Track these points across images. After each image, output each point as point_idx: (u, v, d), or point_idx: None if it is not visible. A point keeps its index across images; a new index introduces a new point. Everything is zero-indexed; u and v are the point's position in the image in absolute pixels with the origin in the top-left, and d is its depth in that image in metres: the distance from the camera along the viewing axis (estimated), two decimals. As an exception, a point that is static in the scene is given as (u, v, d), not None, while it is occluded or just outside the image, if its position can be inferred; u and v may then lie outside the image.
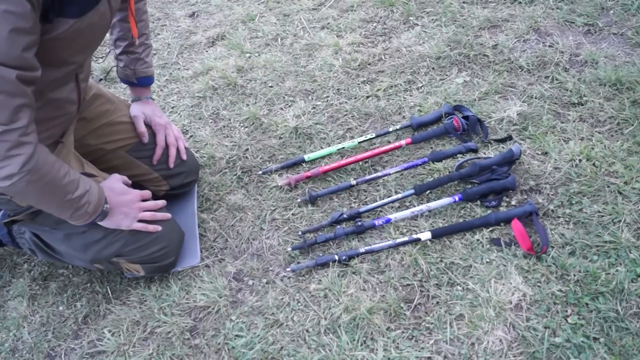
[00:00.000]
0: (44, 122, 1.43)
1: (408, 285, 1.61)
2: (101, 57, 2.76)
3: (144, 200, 1.70)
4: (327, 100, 2.29)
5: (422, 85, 2.26)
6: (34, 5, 1.13)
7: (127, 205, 1.63)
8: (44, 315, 1.81)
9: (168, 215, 1.75)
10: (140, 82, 1.89)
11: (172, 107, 2.45)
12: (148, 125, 1.89)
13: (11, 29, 1.10)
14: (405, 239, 1.67)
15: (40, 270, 1.95)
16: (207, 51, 2.82)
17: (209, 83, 2.53)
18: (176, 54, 2.85)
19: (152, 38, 2.97)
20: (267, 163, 2.09)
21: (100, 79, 2.71)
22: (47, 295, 1.86)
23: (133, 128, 1.87)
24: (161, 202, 1.76)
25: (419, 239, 1.67)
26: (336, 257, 1.66)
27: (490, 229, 1.68)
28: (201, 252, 1.84)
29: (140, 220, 1.66)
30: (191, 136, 2.27)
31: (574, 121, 1.95)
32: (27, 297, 1.87)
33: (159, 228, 1.69)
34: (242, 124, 2.29)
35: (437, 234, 1.67)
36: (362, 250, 1.67)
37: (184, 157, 1.93)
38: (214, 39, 2.90)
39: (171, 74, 2.67)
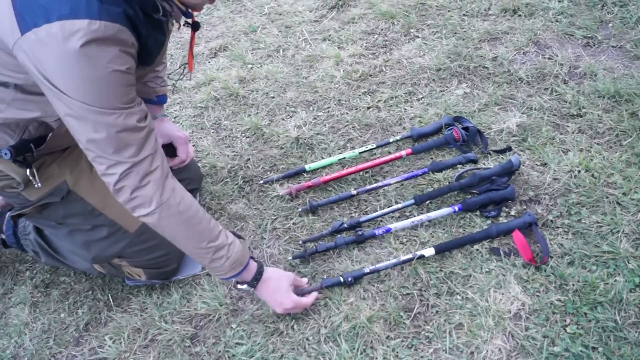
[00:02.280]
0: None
1: (408, 294, 1.62)
2: None
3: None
4: (328, 111, 2.32)
5: (423, 97, 2.28)
6: (135, 61, 1.26)
7: (278, 300, 1.58)
8: (46, 322, 1.82)
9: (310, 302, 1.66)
10: (159, 100, 1.90)
11: (175, 117, 2.48)
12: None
13: (125, 84, 1.22)
14: (409, 256, 1.67)
15: (42, 277, 1.97)
16: (209, 62, 2.86)
17: (211, 93, 2.57)
18: (179, 65, 2.88)
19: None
20: (269, 173, 2.12)
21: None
22: (49, 303, 1.88)
23: None
24: (305, 281, 1.72)
25: (423, 256, 1.68)
26: (341, 279, 1.66)
27: (490, 239, 1.70)
28: (202, 260, 1.85)
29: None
30: (193, 146, 2.29)
31: (573, 132, 1.98)
32: (28, 304, 1.89)
33: (307, 304, 1.63)
34: (243, 134, 2.31)
35: (441, 250, 1.68)
36: (367, 270, 1.67)
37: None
38: (217, 50, 2.94)
39: (174, 84, 2.70)
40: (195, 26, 1.49)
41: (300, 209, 1.92)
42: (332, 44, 2.72)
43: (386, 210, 1.82)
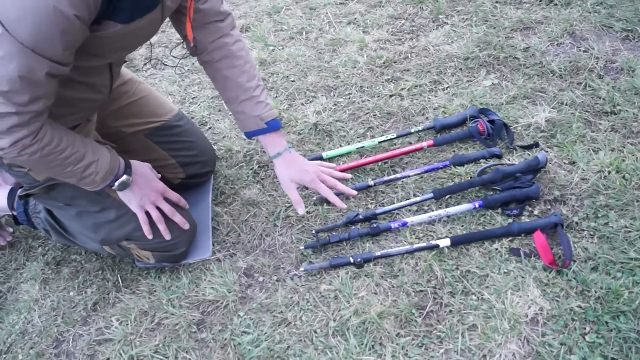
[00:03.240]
0: (78, 102, 1.49)
1: (421, 291, 1.60)
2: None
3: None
4: (349, 98, 2.29)
5: (448, 86, 2.24)
6: (90, 12, 1.15)
7: (148, 187, 1.65)
8: (55, 299, 1.85)
9: (185, 223, 1.75)
10: (270, 126, 1.71)
11: (193, 98, 2.47)
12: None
13: (61, 28, 1.11)
14: (423, 244, 1.66)
15: (54, 254, 2.00)
16: (230, 42, 2.83)
17: (230, 75, 2.55)
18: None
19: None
20: (285, 159, 2.09)
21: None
22: (59, 280, 1.91)
23: (153, 111, 1.89)
24: (183, 202, 1.77)
25: (437, 246, 1.65)
26: (351, 260, 1.66)
27: (510, 238, 1.66)
28: (213, 245, 1.85)
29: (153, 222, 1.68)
30: (209, 128, 2.29)
31: (606, 131, 1.92)
32: (39, 281, 1.92)
33: (168, 235, 1.71)
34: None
35: (456, 242, 1.66)
36: (378, 253, 1.66)
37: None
38: (239, 30, 2.91)
39: (193, 64, 2.69)
40: None
41: (314, 198, 1.90)
42: (357, 28, 2.68)
43: (403, 203, 1.79)
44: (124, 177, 1.57)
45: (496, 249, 1.64)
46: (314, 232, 1.80)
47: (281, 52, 2.63)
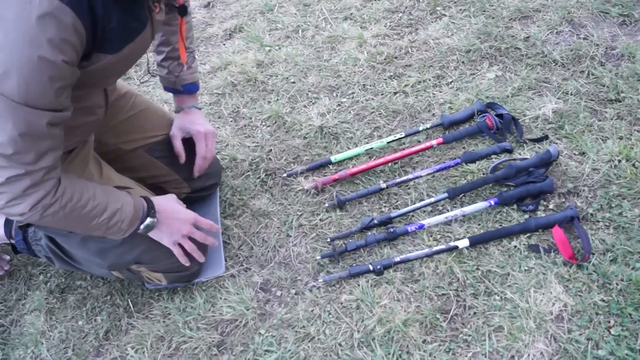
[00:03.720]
0: (73, 129, 1.44)
1: (444, 294, 1.61)
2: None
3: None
4: (353, 97, 2.29)
5: (452, 81, 2.24)
6: (77, 52, 1.14)
7: (178, 221, 1.62)
8: (63, 330, 1.82)
9: (216, 242, 1.74)
10: (185, 90, 1.85)
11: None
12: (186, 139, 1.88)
13: (49, 76, 1.09)
14: (442, 246, 1.68)
15: (57, 282, 1.97)
16: (224, 44, 2.83)
17: (227, 79, 2.54)
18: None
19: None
20: (292, 165, 2.10)
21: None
22: (66, 309, 1.88)
23: (153, 124, 1.85)
24: (216, 227, 1.74)
25: (457, 247, 1.67)
26: (370, 267, 1.67)
27: (528, 235, 1.68)
28: (225, 261, 1.85)
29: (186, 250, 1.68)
30: (211, 136, 2.28)
31: (612, 119, 1.94)
32: (44, 311, 1.89)
33: (202, 259, 1.70)
34: (264, 123, 2.29)
35: (475, 242, 1.67)
36: (397, 259, 1.68)
37: (196, 174, 1.91)
38: (232, 31, 2.90)
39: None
40: (182, 11, 1.43)
41: (327, 204, 1.91)
42: (354, 24, 2.67)
43: (418, 204, 1.80)
44: (148, 220, 1.55)
45: (515, 246, 1.66)
46: (329, 240, 1.80)
47: (278, 52, 2.61)
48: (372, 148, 2.03)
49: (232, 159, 2.15)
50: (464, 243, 1.67)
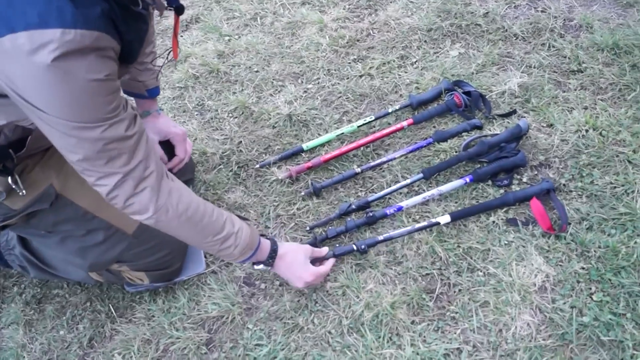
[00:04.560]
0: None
1: (427, 274, 1.62)
2: None
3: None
4: (319, 83, 2.26)
5: (417, 60, 2.24)
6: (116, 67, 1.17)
7: (293, 276, 1.58)
8: (45, 342, 1.76)
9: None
10: (151, 94, 1.79)
11: (153, 101, 2.38)
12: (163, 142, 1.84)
13: (107, 93, 1.13)
14: (424, 223, 1.68)
15: (33, 292, 1.90)
16: (181, 36, 2.74)
17: (189, 71, 2.47)
18: (164, 51, 2.72)
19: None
20: (264, 155, 2.07)
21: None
22: (45, 320, 1.81)
23: None
24: (325, 250, 1.68)
25: (438, 223, 1.68)
26: (354, 247, 1.65)
27: (505, 209, 1.69)
28: (206, 257, 1.81)
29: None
30: (178, 131, 2.22)
31: (576, 90, 1.97)
32: (22, 324, 1.81)
33: (326, 271, 1.64)
34: (230, 115, 2.25)
35: (456, 217, 1.69)
36: (380, 238, 1.67)
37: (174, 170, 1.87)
38: (188, 22, 2.82)
39: (159, 71, 2.56)
40: (179, 10, 1.40)
41: (303, 193, 1.89)
42: (312, 8, 2.63)
43: (394, 187, 1.80)
44: (261, 266, 1.55)
45: (493, 222, 1.67)
46: (308, 229, 1.79)
47: (238, 41, 2.56)
48: (343, 133, 2.01)
49: (202, 153, 2.10)
50: (445, 219, 1.68)
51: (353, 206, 1.78)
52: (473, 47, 2.22)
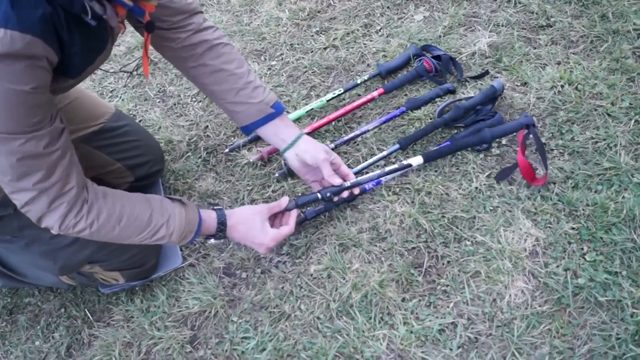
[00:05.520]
0: None
1: (414, 248, 1.50)
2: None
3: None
4: (282, 59, 2.10)
5: (381, 28, 2.09)
6: (48, 80, 1.06)
7: (253, 244, 1.45)
8: (20, 354, 1.60)
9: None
10: (277, 109, 1.51)
11: (112, 92, 2.19)
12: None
13: (25, 103, 1.02)
14: (395, 166, 1.57)
15: (3, 303, 1.73)
16: (135, 22, 2.53)
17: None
18: (132, 63, 2.52)
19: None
20: (232, 139, 1.90)
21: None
22: (18, 331, 1.65)
23: (88, 113, 1.64)
24: (284, 201, 1.50)
25: (410, 165, 1.57)
26: (319, 195, 1.48)
27: (488, 173, 1.58)
28: (181, 250, 1.66)
29: None
30: (140, 121, 2.04)
31: (547, 45, 1.85)
32: (-5, 337, 1.66)
33: (290, 231, 1.47)
34: (194, 99, 2.07)
35: (430, 158, 1.60)
36: (347, 184, 1.49)
37: None
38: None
39: (126, 82, 2.38)
40: (149, 27, 1.23)
41: (276, 174, 1.74)
42: (269, -18, 2.45)
43: (371, 160, 1.66)
44: (212, 240, 1.44)
45: (476, 187, 1.56)
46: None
47: (194, 23, 2.36)
48: (312, 109, 1.86)
49: (168, 142, 1.93)
50: (417, 160, 1.57)
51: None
52: (437, 9, 2.08)
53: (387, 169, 1.56)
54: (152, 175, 1.76)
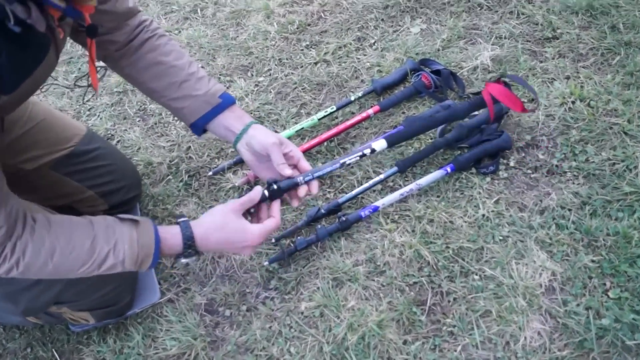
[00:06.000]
0: None
1: (415, 283, 1.33)
2: None
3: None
4: (270, 74, 1.92)
5: (375, 41, 1.92)
6: None
7: (236, 250, 1.19)
8: (-22, 401, 1.40)
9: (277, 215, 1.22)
10: (226, 100, 1.30)
11: (90, 109, 2.00)
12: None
13: None
14: (359, 153, 1.30)
15: (-38, 341, 1.53)
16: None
17: (126, 74, 2.09)
18: (81, 47, 2.36)
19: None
20: (217, 161, 1.72)
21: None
22: (-23, 374, 1.46)
23: (57, 136, 1.45)
24: (256, 192, 1.20)
25: (374, 150, 1.34)
26: (299, 180, 1.21)
27: (496, 198, 1.41)
28: (159, 284, 1.47)
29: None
30: (118, 141, 1.85)
31: (554, 58, 1.69)
32: (-49, 380, 1.45)
33: (277, 223, 1.20)
34: (176, 119, 1.88)
35: (392, 142, 1.41)
36: (300, 179, 1.21)
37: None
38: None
39: (80, 68, 2.20)
40: (91, 31, 1.05)
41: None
42: (256, -5, 2.28)
43: (367, 185, 1.49)
44: (183, 260, 1.16)
45: (483, 215, 1.39)
46: (274, 241, 1.46)
47: (179, 36, 2.18)
48: (302, 128, 1.69)
49: (147, 164, 1.74)
50: (380, 144, 1.36)
51: (322, 210, 1.46)
52: (435, 21, 1.91)
53: (348, 160, 1.28)
54: (128, 202, 1.57)
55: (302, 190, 1.22)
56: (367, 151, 1.32)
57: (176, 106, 1.30)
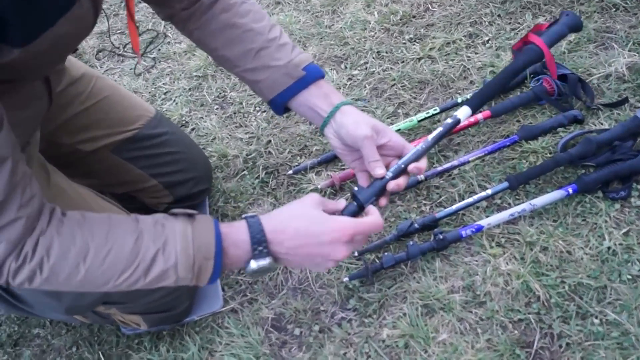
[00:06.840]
0: None
1: (521, 320, 1.21)
2: None
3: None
4: (367, 68, 1.87)
5: (489, 39, 1.82)
6: None
7: (321, 248, 0.98)
8: (19, 397, 1.40)
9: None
10: (311, 73, 1.16)
11: (165, 93, 2.02)
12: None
13: None
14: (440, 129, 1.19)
15: (9, 331, 1.53)
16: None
17: (209, 58, 2.08)
18: (164, 24, 2.39)
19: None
20: (299, 159, 1.68)
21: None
22: (20, 367, 1.46)
23: (121, 116, 1.43)
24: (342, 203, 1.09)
25: (459, 120, 1.21)
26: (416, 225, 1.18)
27: (625, 229, 1.27)
28: (223, 291, 1.44)
29: None
30: (193, 129, 1.85)
31: None
32: (-7, 371, 1.47)
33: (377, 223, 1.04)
34: (257, 108, 1.86)
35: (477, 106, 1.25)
36: (389, 174, 1.08)
37: None
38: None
39: (160, 49, 2.23)
40: None
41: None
42: (356, -20, 2.23)
43: (470, 200, 1.39)
44: (255, 266, 0.97)
45: (609, 248, 1.26)
46: (357, 255, 1.39)
47: (267, 22, 2.17)
48: (399, 130, 1.62)
49: (221, 156, 1.73)
50: (465, 112, 1.22)
51: (416, 225, 1.38)
52: (562, 20, 1.79)
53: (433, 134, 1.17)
54: (195, 195, 1.55)
55: (391, 186, 1.08)
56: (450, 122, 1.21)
57: (252, 78, 1.19)
